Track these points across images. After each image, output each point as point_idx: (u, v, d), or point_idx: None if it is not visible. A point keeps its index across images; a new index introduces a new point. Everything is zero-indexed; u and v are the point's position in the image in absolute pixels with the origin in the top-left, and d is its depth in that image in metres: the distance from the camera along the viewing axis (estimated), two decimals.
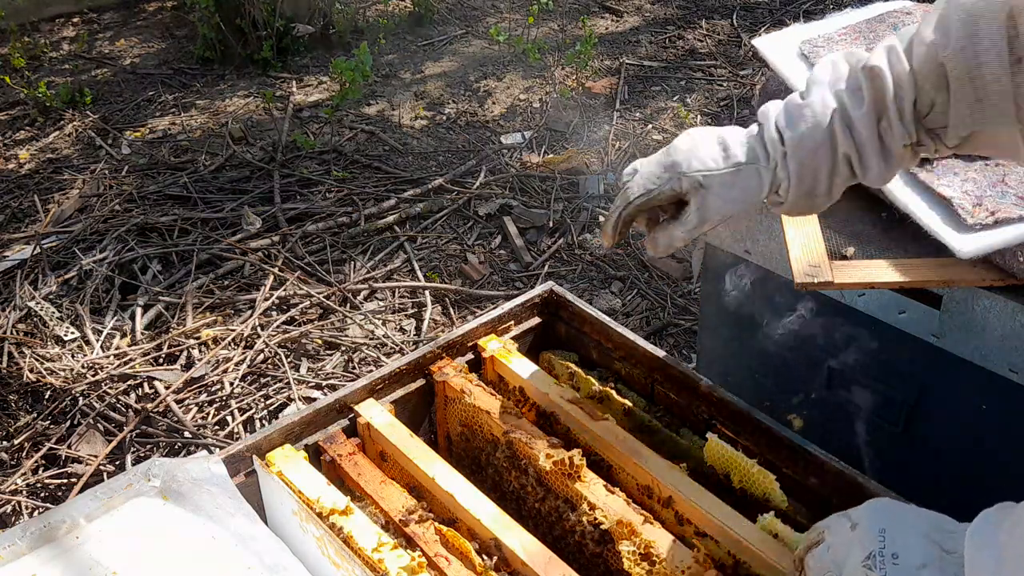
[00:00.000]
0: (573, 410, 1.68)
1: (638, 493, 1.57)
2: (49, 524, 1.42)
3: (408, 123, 4.83)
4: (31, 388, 3.06)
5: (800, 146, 1.29)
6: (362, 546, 1.43)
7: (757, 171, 1.33)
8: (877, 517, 1.21)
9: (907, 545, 1.16)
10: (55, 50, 5.70)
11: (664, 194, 1.36)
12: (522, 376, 1.75)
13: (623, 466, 1.59)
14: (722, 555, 1.45)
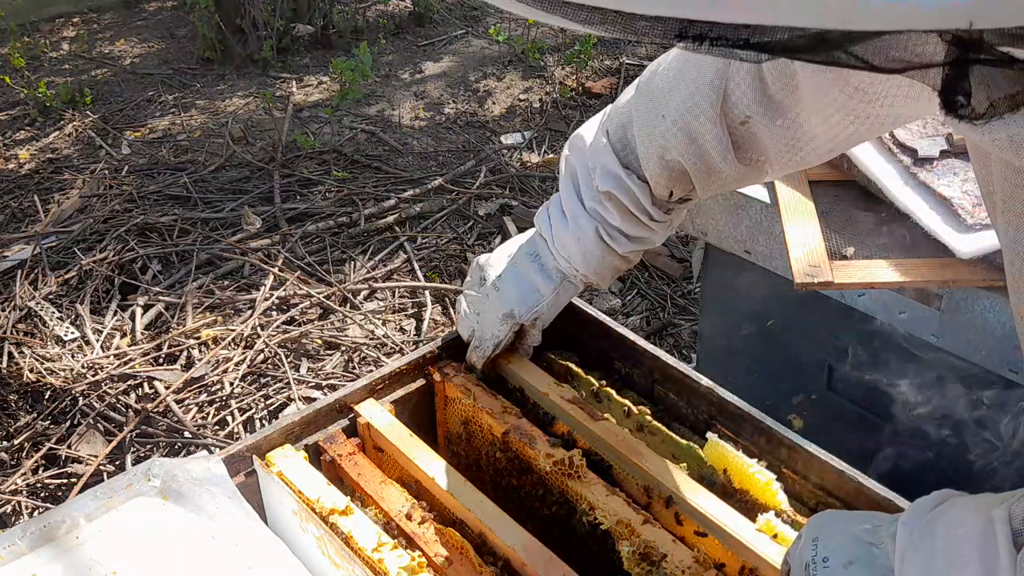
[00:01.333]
0: (573, 410, 1.68)
1: (638, 492, 1.57)
2: (49, 524, 1.42)
3: (408, 123, 4.82)
4: (31, 388, 3.06)
5: (587, 263, 1.58)
6: (362, 546, 1.43)
7: (569, 283, 1.64)
8: (812, 528, 1.24)
9: (836, 547, 1.18)
10: (55, 50, 5.70)
11: (510, 338, 1.70)
12: (522, 376, 1.75)
13: (623, 466, 1.59)
14: (722, 555, 1.45)
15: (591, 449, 1.63)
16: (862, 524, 1.20)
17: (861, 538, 1.17)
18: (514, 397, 1.79)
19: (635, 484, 1.57)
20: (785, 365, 1.99)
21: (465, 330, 1.74)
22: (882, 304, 1.77)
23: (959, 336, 1.65)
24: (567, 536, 1.60)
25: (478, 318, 1.71)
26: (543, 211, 1.64)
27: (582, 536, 1.58)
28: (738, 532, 1.43)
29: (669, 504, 1.52)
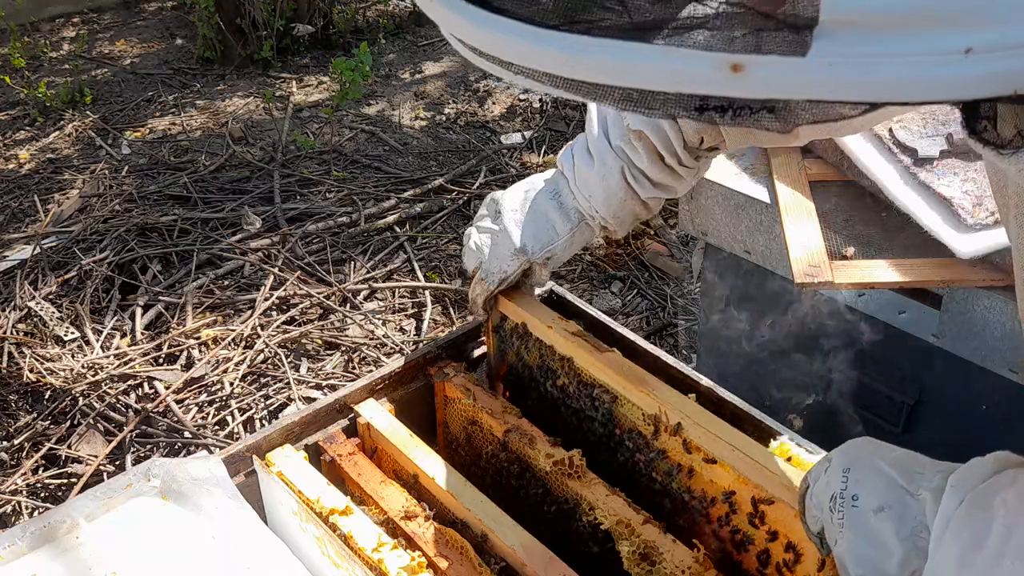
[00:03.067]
0: (577, 342, 1.63)
1: (643, 424, 1.53)
2: (49, 524, 1.42)
3: (408, 123, 4.83)
4: (31, 388, 3.06)
5: (609, 206, 1.54)
6: (362, 546, 1.43)
7: (587, 225, 1.60)
8: (845, 457, 1.14)
9: (869, 487, 1.08)
10: (55, 50, 5.70)
11: (517, 275, 1.65)
12: (525, 312, 1.70)
13: (628, 396, 1.54)
14: (732, 482, 1.41)
15: (595, 380, 1.60)
16: (901, 466, 1.10)
17: (898, 483, 1.07)
18: (517, 333, 1.74)
19: (641, 415, 1.54)
20: (785, 365, 1.99)
21: (471, 262, 1.70)
22: (882, 304, 1.77)
23: (959, 336, 1.65)
24: (567, 536, 1.60)
25: (487, 251, 1.66)
26: (567, 150, 1.60)
27: (582, 536, 1.58)
28: (750, 454, 1.38)
29: (677, 431, 1.48)
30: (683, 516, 1.51)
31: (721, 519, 1.44)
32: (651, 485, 1.55)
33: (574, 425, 1.68)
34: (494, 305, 1.73)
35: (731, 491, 1.42)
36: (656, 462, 1.53)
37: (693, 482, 1.48)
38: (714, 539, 1.47)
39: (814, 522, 1.17)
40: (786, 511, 1.34)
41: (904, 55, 0.54)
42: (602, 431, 1.62)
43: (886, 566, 1.05)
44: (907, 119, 1.86)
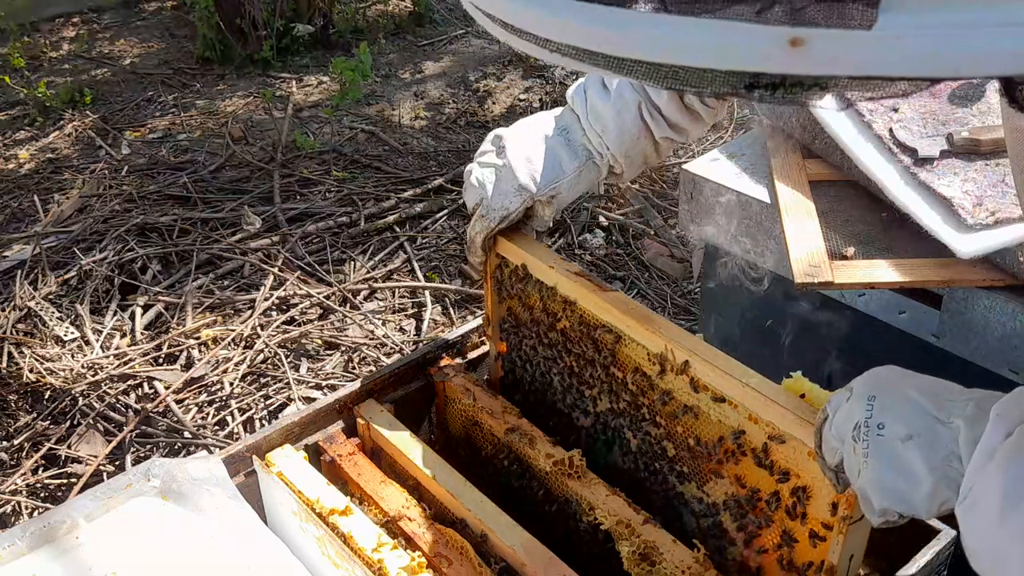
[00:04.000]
0: (580, 282, 1.56)
1: (649, 363, 1.48)
2: (49, 524, 1.42)
3: (408, 123, 4.82)
4: (31, 388, 3.06)
5: (621, 143, 1.49)
6: (362, 546, 1.43)
7: (594, 164, 1.55)
8: (869, 384, 1.09)
9: (896, 414, 1.02)
10: (55, 50, 5.70)
11: (520, 213, 1.58)
12: (525, 252, 1.64)
13: (633, 335, 1.49)
14: (742, 421, 1.36)
15: (597, 320, 1.54)
16: (930, 393, 1.04)
17: (927, 411, 1.01)
18: (516, 276, 1.67)
19: (646, 354, 1.48)
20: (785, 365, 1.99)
21: (472, 198, 1.63)
22: (882, 304, 1.77)
23: (959, 336, 1.65)
24: (567, 536, 1.60)
25: (489, 187, 1.59)
26: (578, 87, 1.55)
27: (582, 536, 1.58)
28: (762, 391, 1.33)
29: (685, 370, 1.42)
30: (687, 463, 1.47)
31: (728, 462, 1.39)
32: (655, 429, 1.51)
33: (574, 373, 1.62)
34: (493, 246, 1.65)
35: (740, 431, 1.36)
36: (660, 404, 1.48)
37: (699, 424, 1.43)
38: (718, 484, 1.42)
39: (832, 454, 1.11)
40: (798, 451, 1.29)
41: (977, 26, 0.51)
42: (604, 375, 1.56)
43: (913, 497, 1.00)
44: (907, 119, 1.86)
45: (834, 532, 1.27)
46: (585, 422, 1.66)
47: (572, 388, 1.65)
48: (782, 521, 1.35)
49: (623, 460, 1.60)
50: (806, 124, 1.95)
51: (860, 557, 1.33)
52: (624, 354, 1.52)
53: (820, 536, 1.30)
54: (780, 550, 1.37)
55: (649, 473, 1.56)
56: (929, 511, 1.01)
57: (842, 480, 1.12)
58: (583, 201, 4.10)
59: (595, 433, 1.65)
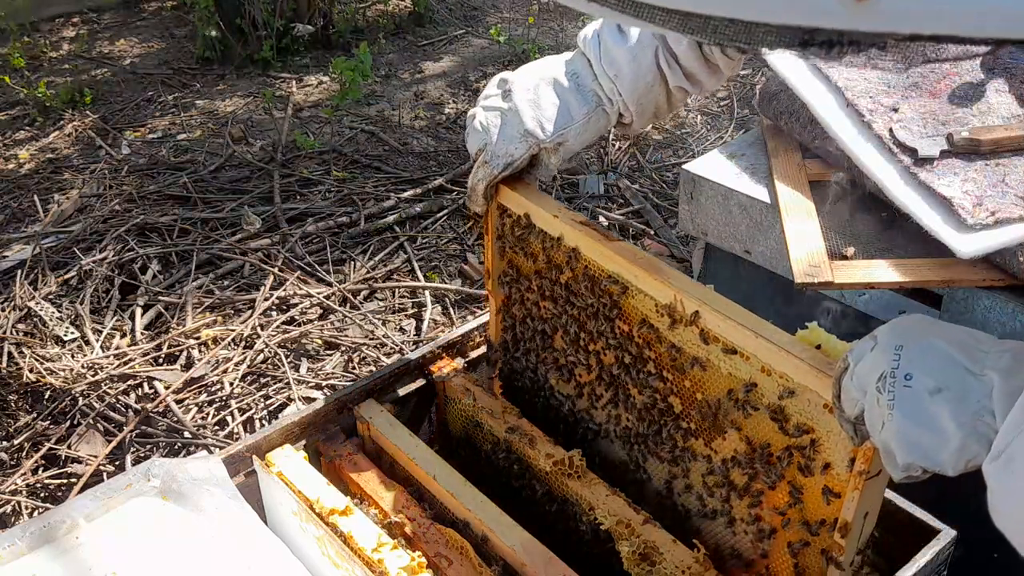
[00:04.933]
0: (585, 231, 1.50)
1: (656, 315, 1.42)
2: (49, 524, 1.42)
3: (408, 123, 4.82)
4: (31, 388, 3.06)
5: (635, 89, 1.44)
6: (362, 546, 1.43)
7: (604, 111, 1.49)
8: (896, 333, 1.03)
9: (924, 365, 0.97)
10: (55, 50, 5.70)
11: (524, 160, 1.51)
12: (529, 201, 1.57)
13: (641, 285, 1.43)
14: (753, 373, 1.31)
15: (603, 270, 1.48)
16: (961, 343, 0.99)
17: (958, 362, 0.97)
18: (519, 226, 1.59)
19: (654, 305, 1.42)
20: None
21: (475, 144, 1.55)
22: (882, 304, 1.77)
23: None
24: (567, 536, 1.60)
25: (494, 132, 1.51)
26: (590, 32, 1.49)
27: (582, 536, 1.58)
28: (776, 341, 1.27)
29: (695, 321, 1.36)
30: (694, 418, 1.42)
31: (738, 417, 1.34)
32: (661, 384, 1.45)
33: (577, 328, 1.56)
34: (494, 195, 1.58)
35: (752, 383, 1.31)
36: (668, 358, 1.41)
37: (708, 378, 1.37)
38: (727, 440, 1.37)
39: (852, 406, 1.07)
40: (813, 404, 1.24)
41: None
42: (608, 329, 1.50)
43: (940, 453, 0.96)
44: (907, 119, 1.86)
45: (849, 488, 1.22)
46: (588, 378, 1.58)
47: (574, 344, 1.58)
48: (794, 477, 1.29)
49: (627, 418, 1.54)
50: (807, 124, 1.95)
51: (875, 515, 1.29)
52: (630, 306, 1.45)
53: (835, 492, 1.25)
54: (791, 508, 1.32)
55: (654, 431, 1.49)
56: (955, 467, 0.97)
57: (860, 433, 1.08)
58: (583, 200, 4.10)
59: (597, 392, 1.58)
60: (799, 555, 1.35)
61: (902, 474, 1.01)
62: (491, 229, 1.64)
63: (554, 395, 1.69)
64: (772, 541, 1.38)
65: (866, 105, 1.88)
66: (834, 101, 1.91)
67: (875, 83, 1.92)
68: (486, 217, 1.62)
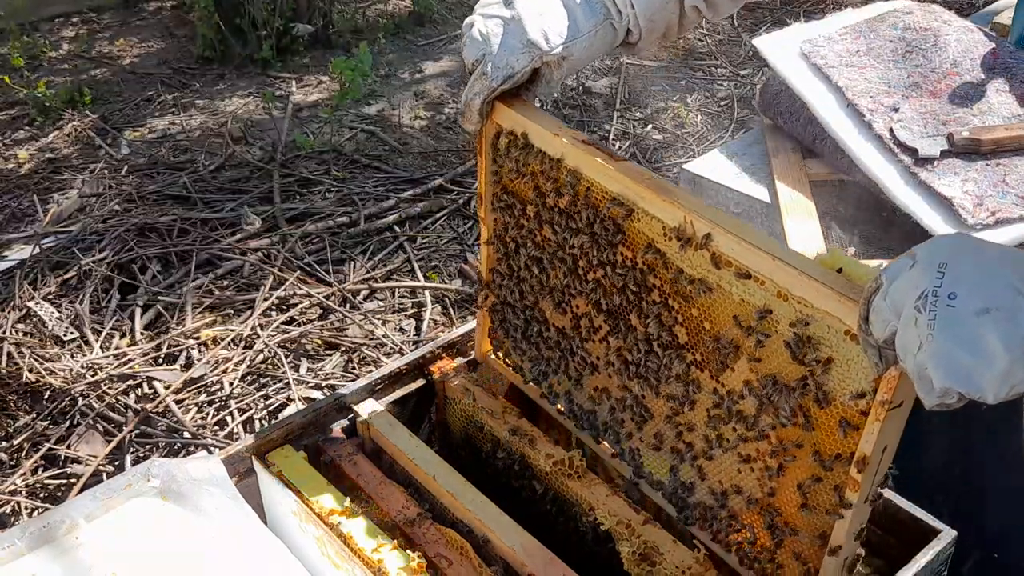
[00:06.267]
0: (589, 151, 1.41)
1: (663, 239, 1.34)
2: (48, 524, 1.42)
3: (408, 123, 4.82)
4: (30, 388, 3.06)
5: (649, 3, 1.37)
6: (362, 546, 1.43)
7: (611, 25, 1.41)
8: (938, 251, 0.96)
9: (971, 284, 0.91)
10: (55, 50, 5.70)
11: (526, 74, 1.42)
12: (527, 120, 1.48)
13: (648, 207, 1.34)
14: (769, 299, 1.23)
15: (607, 193, 1.39)
16: (1012, 261, 0.93)
17: (1009, 281, 0.91)
18: (517, 146, 1.50)
19: (662, 228, 1.33)
20: None
21: (472, 54, 1.46)
22: None
23: None
24: (567, 536, 1.60)
25: (494, 42, 1.42)
26: None
27: (582, 536, 1.58)
28: (794, 264, 1.19)
29: (706, 244, 1.27)
30: (701, 349, 1.34)
31: (750, 346, 1.26)
32: (666, 314, 1.37)
33: (576, 256, 1.47)
34: (490, 112, 1.48)
35: (767, 310, 1.22)
36: (674, 285, 1.33)
37: (719, 305, 1.28)
38: (736, 371, 1.29)
39: (882, 328, 1.00)
40: (832, 330, 1.16)
41: None
42: (610, 256, 1.41)
43: (984, 377, 0.91)
44: (907, 119, 1.86)
45: (870, 419, 1.15)
46: (585, 309, 1.49)
47: (572, 272, 1.48)
48: (808, 410, 1.22)
49: (627, 351, 1.45)
50: (807, 124, 1.95)
51: (893, 450, 1.22)
52: (635, 230, 1.37)
53: (852, 424, 1.18)
54: (804, 443, 1.25)
55: (656, 363, 1.41)
56: (997, 393, 0.93)
57: (886, 358, 1.02)
58: None
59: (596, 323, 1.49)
60: (809, 493, 1.27)
61: (936, 400, 0.96)
62: (485, 150, 1.55)
63: (548, 328, 1.58)
64: (781, 479, 1.29)
65: (866, 105, 1.88)
66: (834, 101, 1.91)
67: (875, 83, 1.92)
68: (480, 136, 1.53)
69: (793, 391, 1.23)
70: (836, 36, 2.03)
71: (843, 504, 1.23)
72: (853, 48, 2.01)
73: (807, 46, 1.99)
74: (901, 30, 2.04)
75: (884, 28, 2.04)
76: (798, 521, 1.30)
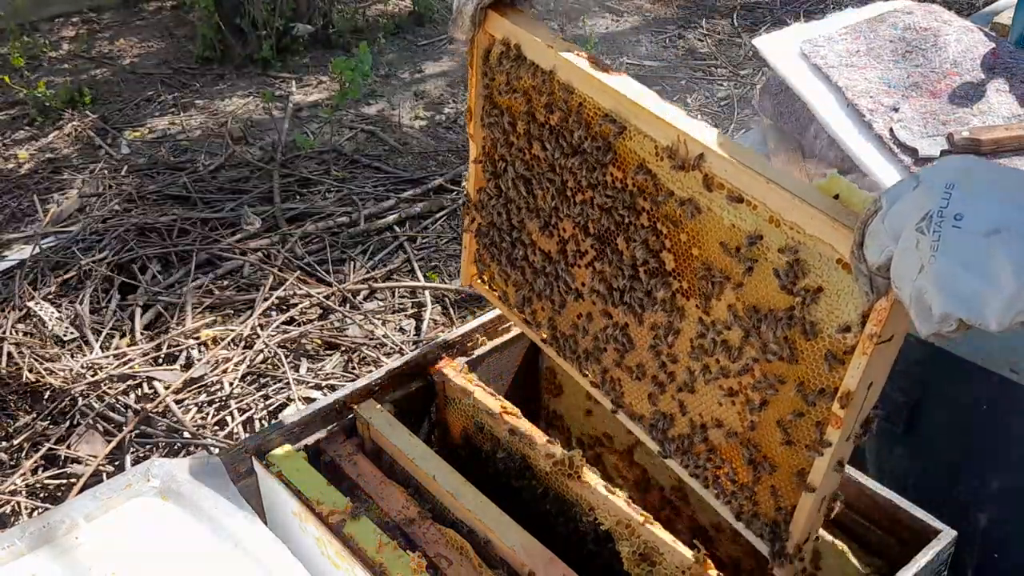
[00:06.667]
0: (578, 60, 1.35)
1: (655, 159, 1.29)
2: (48, 524, 1.42)
3: (408, 123, 4.82)
4: (30, 388, 3.06)
5: None
6: (362, 546, 1.43)
7: None
8: (947, 172, 0.89)
9: (979, 203, 0.86)
10: (55, 50, 5.70)
11: None
12: (522, 31, 1.42)
13: (641, 124, 1.29)
14: (760, 224, 1.18)
15: (598, 109, 1.34)
16: (1021, 183, 0.87)
17: (1020, 203, 0.85)
18: (509, 57, 1.44)
19: (654, 147, 1.28)
20: None
21: None
22: None
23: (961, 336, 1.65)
24: (567, 536, 1.60)
25: None
26: None
27: (582, 536, 1.58)
28: (789, 188, 1.13)
29: (698, 164, 1.23)
30: (688, 276, 1.29)
31: (738, 273, 1.21)
32: (654, 239, 1.32)
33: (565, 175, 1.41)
34: (482, 21, 1.43)
35: (758, 235, 1.18)
36: (664, 208, 1.28)
37: (708, 230, 1.24)
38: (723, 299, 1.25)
39: (877, 253, 0.95)
40: (824, 259, 1.12)
41: None
42: (599, 176, 1.35)
43: (988, 302, 0.85)
44: (907, 119, 1.85)
45: (856, 352, 1.11)
46: (572, 231, 1.44)
47: (560, 193, 1.43)
48: (794, 341, 1.18)
49: (613, 277, 1.40)
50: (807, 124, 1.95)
51: (879, 388, 1.18)
52: (626, 149, 1.31)
53: (839, 358, 1.14)
54: (787, 377, 1.21)
55: (642, 289, 1.37)
56: (1001, 321, 0.86)
57: (877, 288, 0.98)
58: None
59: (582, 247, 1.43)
60: (791, 428, 1.23)
61: (934, 327, 0.90)
62: (476, 62, 1.49)
63: (535, 252, 1.53)
64: (763, 413, 1.26)
65: (866, 105, 1.88)
66: (834, 101, 1.91)
67: (875, 83, 1.92)
68: (471, 47, 1.47)
69: (779, 321, 1.18)
70: (836, 36, 2.03)
71: (823, 442, 1.19)
72: (853, 48, 2.01)
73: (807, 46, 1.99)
74: (901, 30, 2.04)
75: (884, 28, 2.04)
76: (777, 457, 1.27)
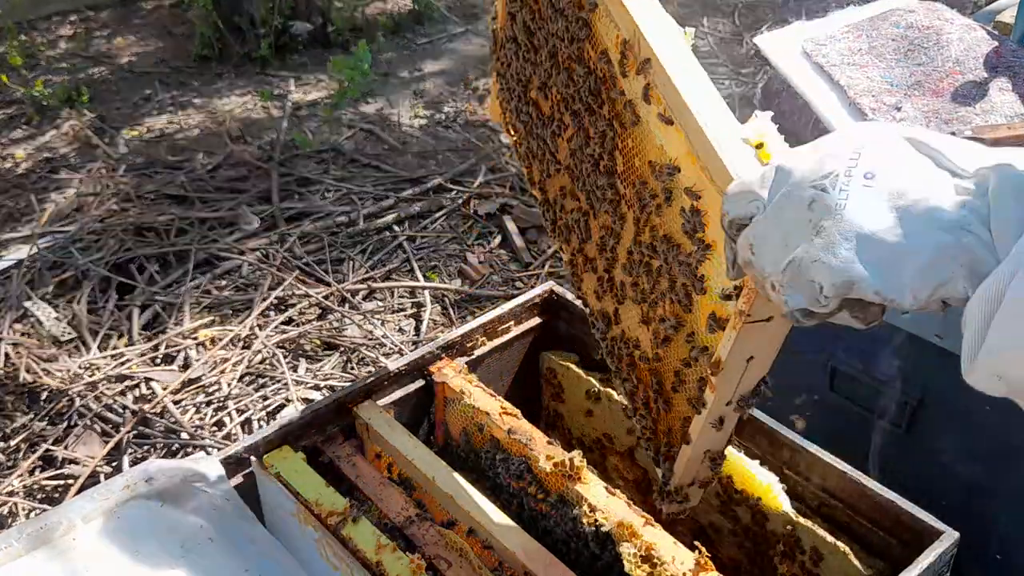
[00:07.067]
0: None
1: (615, 50, 1.21)
2: (46, 526, 1.41)
3: (407, 122, 4.81)
4: (28, 389, 3.05)
5: None
6: (361, 548, 1.43)
7: None
8: (850, 141, 0.81)
9: (892, 162, 0.77)
10: (52, 48, 5.68)
11: None
12: None
13: (609, 6, 1.22)
14: (681, 155, 1.12)
15: None
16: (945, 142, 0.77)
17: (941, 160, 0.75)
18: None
19: (616, 37, 1.21)
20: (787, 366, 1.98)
21: None
22: None
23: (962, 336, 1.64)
24: (567, 538, 1.59)
25: None
26: None
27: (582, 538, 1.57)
28: (711, 131, 1.04)
29: (643, 69, 1.16)
30: (628, 185, 1.25)
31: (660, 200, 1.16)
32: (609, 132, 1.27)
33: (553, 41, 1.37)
34: None
35: (676, 167, 1.11)
36: (616, 103, 1.23)
37: (644, 145, 1.18)
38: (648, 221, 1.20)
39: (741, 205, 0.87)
40: None
41: None
42: (577, 51, 1.31)
43: (900, 273, 0.76)
44: (910, 118, 1.85)
45: (729, 324, 1.06)
46: (557, 99, 1.40)
47: (551, 58, 1.39)
48: (691, 290, 1.14)
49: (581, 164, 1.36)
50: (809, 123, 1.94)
51: (763, 364, 1.11)
52: (598, 30, 1.25)
53: (720, 323, 1.10)
54: (685, 323, 1.17)
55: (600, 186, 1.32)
56: (917, 295, 0.79)
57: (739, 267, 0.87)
58: None
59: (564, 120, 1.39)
60: (682, 375, 1.21)
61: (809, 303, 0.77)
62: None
63: (534, 110, 1.49)
64: (666, 350, 1.23)
65: (869, 104, 1.87)
66: (836, 99, 1.90)
67: (878, 81, 1.92)
68: None
69: (681, 265, 1.13)
70: (838, 34, 2.02)
71: (701, 400, 1.16)
72: (855, 46, 2.00)
73: (809, 44, 1.99)
74: (903, 28, 2.03)
75: (886, 26, 2.03)
76: (673, 399, 1.26)
